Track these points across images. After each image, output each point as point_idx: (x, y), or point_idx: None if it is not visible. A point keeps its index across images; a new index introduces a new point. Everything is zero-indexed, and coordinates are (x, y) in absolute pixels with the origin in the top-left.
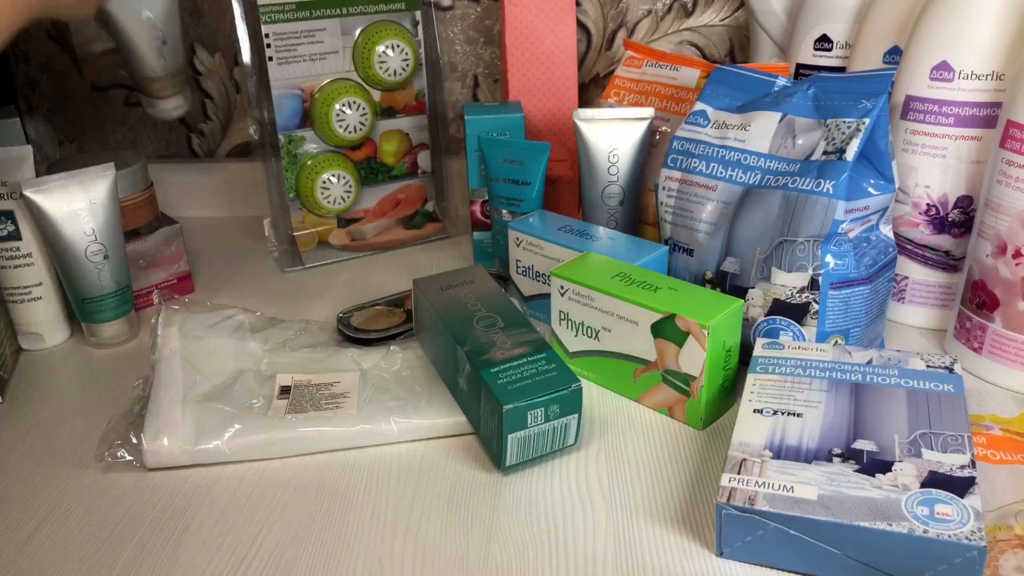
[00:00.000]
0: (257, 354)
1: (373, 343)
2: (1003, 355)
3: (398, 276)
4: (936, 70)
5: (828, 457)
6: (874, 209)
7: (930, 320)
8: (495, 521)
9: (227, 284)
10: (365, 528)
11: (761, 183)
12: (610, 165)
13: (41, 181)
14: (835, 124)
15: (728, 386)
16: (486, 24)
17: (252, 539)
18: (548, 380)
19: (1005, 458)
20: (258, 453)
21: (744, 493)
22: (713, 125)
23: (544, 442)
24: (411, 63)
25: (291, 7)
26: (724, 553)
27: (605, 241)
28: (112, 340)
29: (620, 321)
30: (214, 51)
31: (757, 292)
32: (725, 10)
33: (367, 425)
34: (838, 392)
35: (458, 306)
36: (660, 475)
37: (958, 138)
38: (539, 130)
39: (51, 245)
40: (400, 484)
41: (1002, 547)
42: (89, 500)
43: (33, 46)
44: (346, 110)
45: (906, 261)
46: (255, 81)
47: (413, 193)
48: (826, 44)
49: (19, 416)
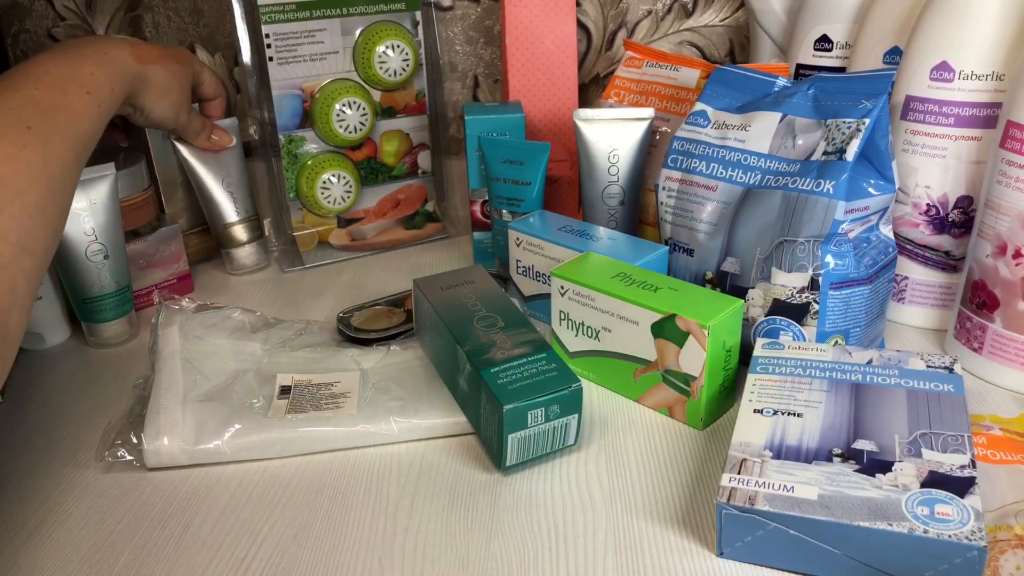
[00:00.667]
0: (257, 354)
1: (373, 343)
2: (1003, 355)
3: (398, 276)
4: (936, 70)
5: (828, 457)
6: (874, 209)
7: (930, 320)
8: (495, 521)
9: (227, 284)
10: (365, 528)
11: (761, 183)
12: (610, 165)
13: None
14: (835, 124)
15: (728, 386)
16: (486, 24)
17: (252, 539)
18: (548, 380)
19: (1005, 458)
20: (258, 453)
21: (744, 493)
22: (713, 125)
23: (544, 442)
24: (411, 63)
25: (291, 7)
26: (724, 553)
27: (605, 241)
28: (112, 340)
29: (620, 321)
30: (214, 51)
31: (757, 292)
32: (725, 10)
33: (367, 425)
34: (838, 392)
35: (458, 306)
36: (660, 475)
37: (958, 138)
38: (539, 130)
39: None
40: (400, 484)
41: (1002, 547)
42: (89, 500)
43: (33, 46)
44: (346, 110)
45: (906, 261)
46: (255, 81)
47: (413, 193)
48: (826, 44)
49: (19, 416)
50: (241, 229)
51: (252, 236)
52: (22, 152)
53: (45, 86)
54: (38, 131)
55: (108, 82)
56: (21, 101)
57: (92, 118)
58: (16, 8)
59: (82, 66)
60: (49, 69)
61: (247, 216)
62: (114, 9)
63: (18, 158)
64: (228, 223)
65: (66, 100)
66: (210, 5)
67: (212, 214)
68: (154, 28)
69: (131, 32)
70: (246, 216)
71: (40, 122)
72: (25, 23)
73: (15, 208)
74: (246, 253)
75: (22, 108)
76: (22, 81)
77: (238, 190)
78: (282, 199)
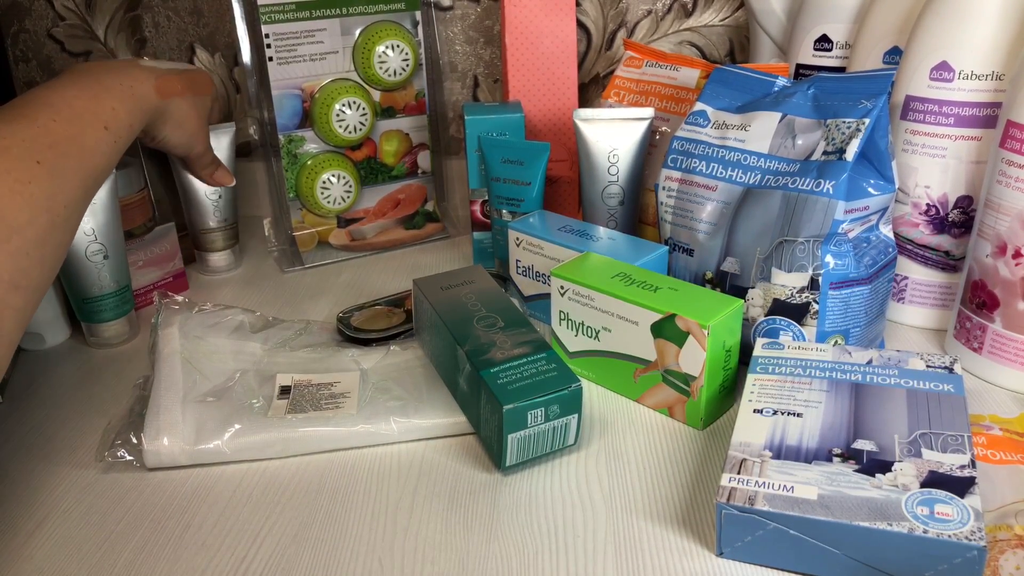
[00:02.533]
0: (257, 354)
1: (373, 343)
2: (1003, 355)
3: (398, 276)
4: (936, 70)
5: (828, 457)
6: (874, 209)
7: (930, 320)
8: (495, 521)
9: (227, 284)
10: (365, 528)
11: (761, 183)
12: (610, 165)
13: None
14: (835, 124)
15: (728, 386)
16: (486, 24)
17: (252, 539)
18: (548, 380)
19: (1005, 458)
20: (258, 453)
21: (744, 493)
22: (713, 125)
23: (544, 442)
24: (411, 63)
25: (291, 7)
26: (724, 553)
27: (605, 241)
28: (112, 340)
29: (620, 321)
30: (214, 51)
31: (757, 292)
32: (725, 10)
33: (367, 425)
34: (838, 392)
35: (458, 306)
36: (660, 475)
37: (958, 138)
38: (539, 130)
39: None
40: (400, 484)
41: (1002, 547)
42: (89, 500)
43: (33, 46)
44: (346, 110)
45: (906, 261)
46: (255, 81)
47: (413, 193)
48: (826, 44)
49: (19, 416)
50: (218, 236)
51: (227, 244)
52: (27, 188)
53: (64, 118)
54: (48, 165)
55: (128, 118)
56: (36, 132)
57: (106, 154)
58: (16, 8)
59: (105, 100)
60: (70, 100)
61: (226, 224)
62: (114, 9)
63: (22, 193)
64: (205, 228)
65: (82, 135)
66: (210, 5)
67: (192, 217)
68: (154, 28)
69: (131, 32)
70: (224, 224)
71: (52, 156)
72: (25, 23)
73: (12, 245)
74: (219, 258)
75: (36, 139)
76: (41, 110)
77: (222, 197)
78: (282, 199)
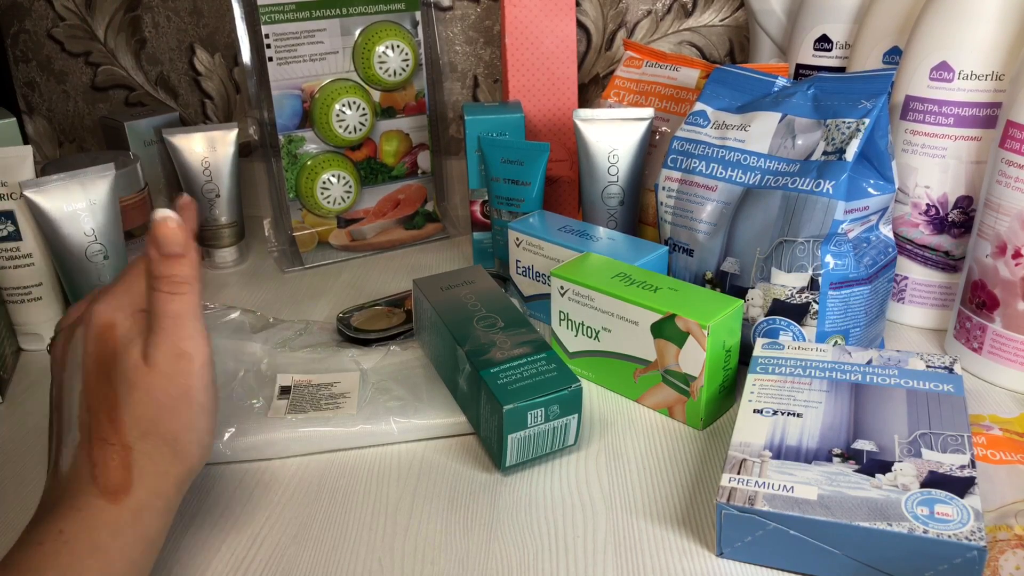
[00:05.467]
0: (257, 354)
1: (373, 343)
2: (1003, 355)
3: (398, 276)
4: (936, 70)
5: (828, 457)
6: (874, 209)
7: (930, 320)
8: (495, 521)
9: (227, 284)
10: (365, 528)
11: (761, 183)
12: (610, 165)
13: (41, 181)
14: (835, 124)
15: (728, 386)
16: (486, 24)
17: (252, 539)
18: (548, 380)
19: (1005, 458)
20: (258, 453)
21: (744, 493)
22: (713, 125)
23: (544, 442)
24: (411, 63)
25: (291, 7)
26: (724, 553)
27: (605, 241)
28: None
29: (620, 321)
30: (214, 51)
31: (757, 292)
32: (725, 10)
33: (367, 425)
34: (838, 392)
35: (458, 306)
36: (660, 475)
37: (958, 138)
38: (539, 130)
39: (51, 245)
40: (400, 484)
41: (1002, 547)
42: None
43: (33, 46)
44: (346, 110)
45: (906, 261)
46: (255, 81)
47: (413, 193)
48: (826, 44)
49: (19, 416)
50: (226, 232)
51: (232, 240)
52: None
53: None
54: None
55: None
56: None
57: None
58: (16, 8)
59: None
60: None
61: (230, 221)
62: (114, 9)
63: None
64: (210, 226)
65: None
66: (210, 5)
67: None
68: (154, 28)
69: (131, 32)
70: (229, 221)
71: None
72: (25, 23)
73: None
74: (226, 253)
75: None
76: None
77: (227, 196)
78: (282, 199)
